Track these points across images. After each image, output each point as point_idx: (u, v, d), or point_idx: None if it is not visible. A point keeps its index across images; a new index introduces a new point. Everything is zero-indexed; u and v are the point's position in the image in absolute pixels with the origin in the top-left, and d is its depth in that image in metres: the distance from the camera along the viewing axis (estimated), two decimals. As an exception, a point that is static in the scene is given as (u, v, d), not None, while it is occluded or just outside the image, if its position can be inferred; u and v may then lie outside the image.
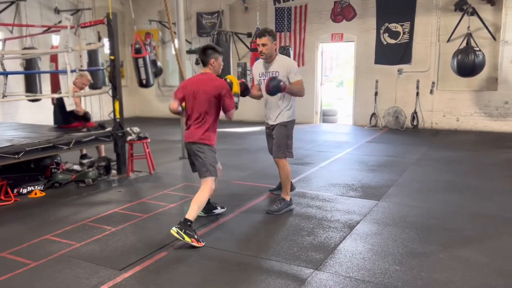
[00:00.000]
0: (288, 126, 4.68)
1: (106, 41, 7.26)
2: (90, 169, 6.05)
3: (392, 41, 10.72)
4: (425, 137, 9.61)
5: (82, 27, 6.26)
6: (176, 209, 4.84)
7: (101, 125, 6.28)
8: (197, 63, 13.35)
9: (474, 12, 9.52)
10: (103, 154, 6.80)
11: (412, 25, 10.44)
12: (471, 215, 4.50)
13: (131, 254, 3.63)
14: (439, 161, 7.12)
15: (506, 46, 9.58)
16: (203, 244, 3.79)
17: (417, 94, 10.68)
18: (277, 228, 4.21)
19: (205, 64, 4.08)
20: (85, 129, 6.24)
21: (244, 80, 4.65)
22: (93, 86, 11.40)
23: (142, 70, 9.74)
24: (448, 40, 9.99)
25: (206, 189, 4.05)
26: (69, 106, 6.16)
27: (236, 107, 4.13)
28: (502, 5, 9.51)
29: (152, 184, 5.98)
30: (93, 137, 5.98)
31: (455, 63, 9.10)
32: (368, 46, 11.00)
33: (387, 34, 10.77)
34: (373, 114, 11.16)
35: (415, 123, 10.73)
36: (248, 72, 12.73)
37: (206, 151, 4.07)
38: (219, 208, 4.63)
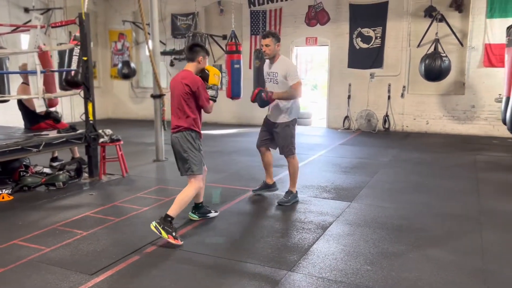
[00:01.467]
0: (290, 126, 4.91)
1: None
2: (61, 172, 5.92)
3: (365, 46, 10.95)
4: (396, 139, 9.84)
5: (53, 27, 6.11)
6: (150, 213, 4.79)
7: (72, 127, 6.15)
8: (171, 65, 13.29)
9: (442, 19, 9.84)
10: (77, 155, 6.67)
11: (384, 30, 10.71)
12: (439, 215, 4.64)
13: (102, 258, 3.57)
14: (409, 162, 7.31)
15: (473, 52, 9.93)
16: (181, 242, 3.80)
17: (389, 97, 10.93)
18: (252, 230, 4.23)
19: (192, 60, 4.09)
20: (55, 131, 6.12)
21: (260, 87, 4.86)
22: (63, 87, 11.20)
23: None
24: (418, 45, 10.28)
25: (191, 186, 4.09)
26: (39, 107, 6.01)
27: (213, 100, 4.15)
28: (469, 12, 9.85)
29: (125, 187, 5.90)
30: (64, 139, 5.85)
31: (423, 67, 9.37)
32: (342, 50, 11.19)
33: (359, 39, 10.99)
34: (346, 117, 11.35)
35: (386, 126, 10.97)
36: (223, 74, 12.72)
37: (189, 149, 4.06)
38: (212, 212, 4.62)
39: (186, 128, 4.07)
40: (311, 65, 20.93)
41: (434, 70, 9.14)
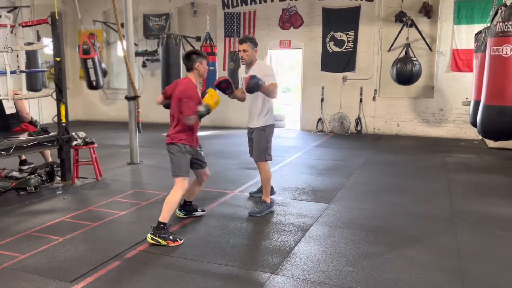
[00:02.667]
0: (266, 131, 4.88)
1: (48, 41, 6.90)
2: (32, 175, 5.72)
3: (338, 49, 11.14)
4: (368, 141, 10.04)
5: (23, 26, 5.91)
6: (128, 217, 4.70)
7: (44, 130, 5.96)
8: (144, 66, 13.10)
9: (412, 24, 10.14)
10: (49, 159, 6.46)
11: (356, 34, 10.93)
12: (413, 216, 4.76)
13: (81, 265, 3.48)
14: (382, 164, 7.47)
15: (441, 56, 10.27)
16: (180, 241, 3.89)
17: (361, 100, 11.14)
18: (233, 233, 4.21)
19: (189, 69, 4.18)
20: (25, 134, 5.91)
21: (228, 78, 4.77)
22: (32, 88, 10.87)
23: (91, 71, 9.37)
24: (389, 50, 10.55)
25: (177, 189, 4.12)
26: (8, 109, 5.80)
27: (199, 116, 4.13)
28: (438, 18, 10.19)
29: (100, 191, 5.77)
30: (36, 142, 5.66)
31: (394, 71, 9.63)
32: (315, 54, 11.34)
33: (332, 43, 11.17)
34: (320, 120, 11.49)
35: (359, 128, 11.18)
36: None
37: (176, 151, 4.15)
38: (199, 210, 4.66)
39: (175, 144, 4.16)
40: (281, 68, 21.10)
41: (405, 74, 9.40)
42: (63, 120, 5.83)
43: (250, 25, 11.89)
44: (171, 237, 3.88)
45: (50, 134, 5.89)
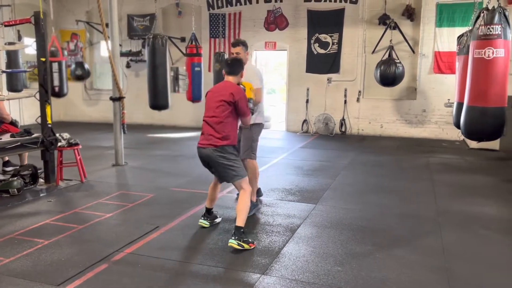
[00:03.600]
0: (252, 130, 4.85)
1: (30, 41, 6.77)
2: (15, 178, 5.61)
3: (322, 51, 11.23)
4: (353, 142, 10.14)
5: (5, 26, 5.79)
6: (114, 219, 4.65)
7: (27, 131, 5.85)
8: (128, 66, 12.97)
9: (396, 27, 10.29)
10: (25, 162, 6.33)
11: (340, 36, 11.03)
12: (399, 216, 4.83)
13: (68, 268, 3.43)
14: (367, 165, 7.56)
15: (424, 58, 10.44)
16: (255, 245, 3.89)
17: (345, 102, 11.25)
18: (222, 234, 4.20)
19: (235, 74, 4.19)
20: (7, 135, 5.79)
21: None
22: (13, 89, 10.65)
23: (56, 75, 9.02)
24: (373, 52, 10.68)
25: (246, 192, 4.01)
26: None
27: (252, 112, 4.31)
28: (420, 21, 10.36)
29: (85, 193, 5.68)
30: (19, 143, 5.55)
31: (378, 73, 9.74)
32: (300, 55, 11.40)
33: (317, 44, 11.26)
34: (305, 121, 11.56)
35: (343, 129, 11.28)
36: (180, 77, 12.59)
37: (229, 155, 4.03)
38: (218, 217, 4.57)
39: (226, 144, 4.00)
40: (266, 69, 21.13)
41: (389, 76, 9.53)
42: (49, 121, 5.73)
43: (235, 26, 11.89)
44: (249, 240, 3.88)
45: (34, 136, 5.78)
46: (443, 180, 6.45)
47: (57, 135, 6.01)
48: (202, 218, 4.44)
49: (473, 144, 8.96)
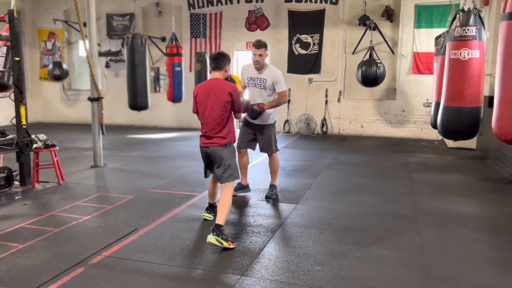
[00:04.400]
0: (273, 127, 5.40)
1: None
2: (-12, 180, 5.46)
3: (303, 52, 11.28)
4: (334, 142, 10.21)
5: (-22, 24, 5.63)
6: (92, 221, 4.56)
7: (1, 132, 5.69)
8: (107, 66, 12.78)
9: (375, 27, 10.40)
10: (0, 164, 6.15)
11: (321, 37, 11.10)
12: (379, 215, 4.87)
13: (43, 273, 3.34)
14: (348, 165, 7.62)
15: (403, 59, 10.58)
16: (235, 245, 3.91)
17: (326, 102, 11.32)
18: (202, 236, 4.16)
19: (220, 69, 4.17)
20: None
21: (252, 104, 5.04)
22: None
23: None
24: (353, 52, 10.77)
25: (229, 192, 4.10)
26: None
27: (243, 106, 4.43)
28: (399, 22, 10.49)
29: (62, 195, 5.57)
30: (-8, 145, 5.41)
31: (360, 73, 9.82)
32: (281, 56, 11.42)
33: (298, 45, 11.30)
34: (287, 121, 11.58)
35: (324, 129, 11.35)
36: (161, 77, 12.49)
37: (228, 153, 4.16)
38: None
39: (229, 140, 4.16)
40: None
41: (370, 76, 9.61)
42: (23, 122, 5.59)
43: (216, 26, 11.84)
44: (229, 239, 3.90)
45: (8, 137, 5.63)
46: (422, 179, 6.54)
47: (33, 136, 5.88)
48: (206, 211, 4.63)
49: (451, 143, 9.12)
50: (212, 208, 4.61)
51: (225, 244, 3.80)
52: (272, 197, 5.40)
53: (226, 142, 4.11)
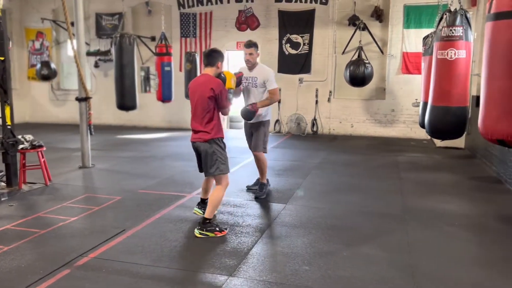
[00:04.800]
0: (265, 125, 5.41)
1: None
2: (-26, 182, 5.39)
3: (294, 51, 11.29)
4: (324, 142, 10.23)
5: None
6: (79, 223, 4.52)
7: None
8: (96, 66, 12.69)
9: (365, 28, 10.44)
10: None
11: (311, 37, 11.12)
12: (367, 214, 4.89)
13: (28, 275, 3.30)
14: (338, 164, 7.64)
15: (392, 59, 10.64)
16: (226, 231, 4.15)
17: (316, 102, 11.35)
18: (190, 237, 4.15)
19: (212, 65, 4.26)
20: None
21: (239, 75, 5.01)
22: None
23: None
24: (343, 52, 10.80)
25: (222, 187, 4.28)
26: None
27: (230, 103, 4.41)
28: (388, 22, 10.55)
29: (49, 196, 5.51)
30: (-23, 146, 5.34)
31: (348, 73, 9.85)
32: (272, 56, 11.42)
33: (288, 45, 11.31)
34: (277, 121, 11.59)
35: (315, 129, 11.38)
36: (151, 77, 12.43)
37: (218, 147, 4.27)
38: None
39: (214, 136, 4.21)
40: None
41: (358, 76, 9.65)
42: (8, 122, 5.52)
43: (206, 25, 11.81)
44: (217, 228, 4.09)
45: (-7, 138, 5.56)
46: (410, 178, 6.58)
47: (20, 137, 5.81)
48: (197, 206, 4.68)
49: (439, 142, 9.19)
50: (203, 203, 4.62)
51: (211, 235, 3.95)
52: (260, 197, 5.41)
53: (210, 137, 4.18)
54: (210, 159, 4.19)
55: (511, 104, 3.67)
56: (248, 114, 5.14)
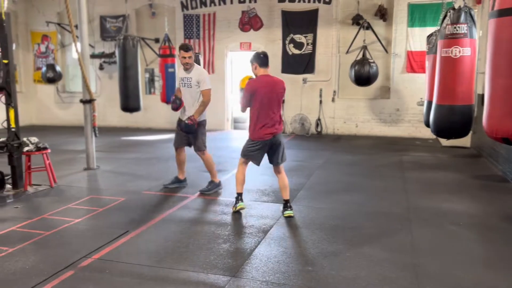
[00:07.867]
0: (203, 126, 5.64)
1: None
2: (-20, 184, 5.43)
3: (297, 52, 11.27)
4: (328, 142, 10.21)
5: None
6: (83, 224, 4.54)
7: (-8, 136, 5.67)
8: (101, 68, 12.75)
9: (369, 27, 10.40)
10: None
11: (314, 37, 11.10)
12: (371, 214, 4.87)
13: (32, 276, 3.32)
14: (342, 164, 7.61)
15: (397, 58, 10.59)
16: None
17: (320, 102, 11.32)
18: (193, 238, 4.15)
19: (268, 66, 4.73)
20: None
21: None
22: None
23: None
24: (347, 52, 10.77)
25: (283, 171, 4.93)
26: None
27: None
28: (392, 21, 10.51)
29: (54, 198, 5.54)
30: (-17, 148, 5.38)
31: (353, 73, 9.83)
32: (275, 56, 11.39)
33: (292, 45, 11.30)
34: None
35: (319, 129, 11.35)
36: (156, 78, 12.46)
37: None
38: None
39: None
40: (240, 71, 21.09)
41: (363, 75, 9.61)
42: (13, 125, 5.56)
43: (210, 27, 11.83)
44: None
45: (-2, 140, 5.61)
46: (414, 178, 6.54)
47: (25, 139, 5.85)
48: (241, 201, 4.93)
49: (445, 142, 9.12)
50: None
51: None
52: (204, 193, 5.63)
53: (282, 129, 4.96)
54: (283, 148, 4.79)
55: (515, 102, 3.64)
56: (190, 128, 5.46)
